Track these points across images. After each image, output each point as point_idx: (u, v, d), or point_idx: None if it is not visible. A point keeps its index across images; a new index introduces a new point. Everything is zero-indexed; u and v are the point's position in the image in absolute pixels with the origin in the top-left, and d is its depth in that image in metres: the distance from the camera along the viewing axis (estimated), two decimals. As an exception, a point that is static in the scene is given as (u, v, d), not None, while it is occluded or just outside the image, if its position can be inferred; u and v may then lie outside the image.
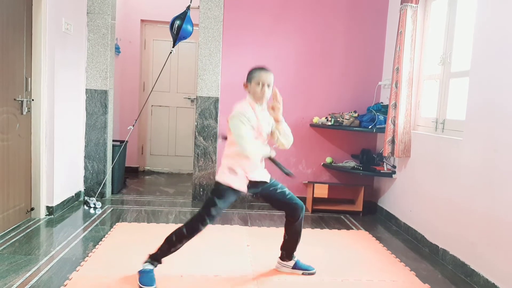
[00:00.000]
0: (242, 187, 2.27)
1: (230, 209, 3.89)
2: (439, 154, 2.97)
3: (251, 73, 2.26)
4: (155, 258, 2.27)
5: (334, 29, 4.09)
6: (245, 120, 2.15)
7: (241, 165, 2.25)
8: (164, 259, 2.29)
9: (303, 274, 2.48)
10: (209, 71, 3.98)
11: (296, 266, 2.51)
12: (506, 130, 2.31)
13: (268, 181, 2.35)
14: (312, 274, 2.47)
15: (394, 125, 3.45)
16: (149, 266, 2.26)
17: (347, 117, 3.84)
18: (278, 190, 2.37)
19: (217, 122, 4.04)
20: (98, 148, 4.01)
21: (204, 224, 2.24)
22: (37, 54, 3.18)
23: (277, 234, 2.69)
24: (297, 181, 4.18)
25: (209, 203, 2.27)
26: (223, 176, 2.27)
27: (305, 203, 4.17)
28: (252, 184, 2.30)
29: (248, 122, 2.16)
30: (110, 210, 3.68)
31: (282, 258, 2.53)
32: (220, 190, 2.27)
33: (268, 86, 2.23)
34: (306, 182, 4.17)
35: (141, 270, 2.26)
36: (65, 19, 3.45)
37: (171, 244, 2.25)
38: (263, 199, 2.48)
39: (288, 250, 2.52)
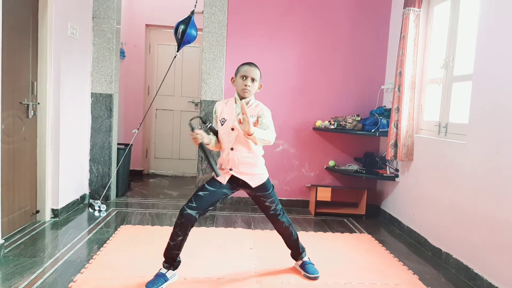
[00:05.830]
0: (222, 179, 2.32)
1: (234, 212, 3.91)
2: (442, 157, 2.97)
3: (238, 68, 2.33)
4: (164, 261, 2.30)
5: (337, 33, 4.11)
6: (214, 116, 2.44)
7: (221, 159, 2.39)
8: (177, 264, 2.31)
9: (304, 276, 2.50)
10: (213, 75, 4.01)
11: (302, 266, 2.54)
12: (509, 134, 2.31)
13: (252, 186, 2.33)
14: (313, 279, 2.46)
15: (397, 128, 3.45)
16: (163, 270, 2.30)
17: (350, 120, 3.85)
18: (266, 203, 2.42)
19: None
20: (103, 151, 4.04)
21: (181, 211, 2.23)
22: (43, 58, 3.22)
23: (280, 237, 2.69)
24: (300, 184, 4.20)
25: None
26: None
27: (308, 206, 4.20)
28: (233, 180, 2.33)
29: (214, 115, 2.43)
30: (114, 212, 3.71)
31: (291, 256, 2.62)
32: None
33: (252, 80, 2.27)
34: (309, 185, 4.18)
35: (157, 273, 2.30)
36: (71, 23, 3.50)
37: (168, 241, 2.27)
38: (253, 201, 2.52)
39: (290, 249, 2.60)
